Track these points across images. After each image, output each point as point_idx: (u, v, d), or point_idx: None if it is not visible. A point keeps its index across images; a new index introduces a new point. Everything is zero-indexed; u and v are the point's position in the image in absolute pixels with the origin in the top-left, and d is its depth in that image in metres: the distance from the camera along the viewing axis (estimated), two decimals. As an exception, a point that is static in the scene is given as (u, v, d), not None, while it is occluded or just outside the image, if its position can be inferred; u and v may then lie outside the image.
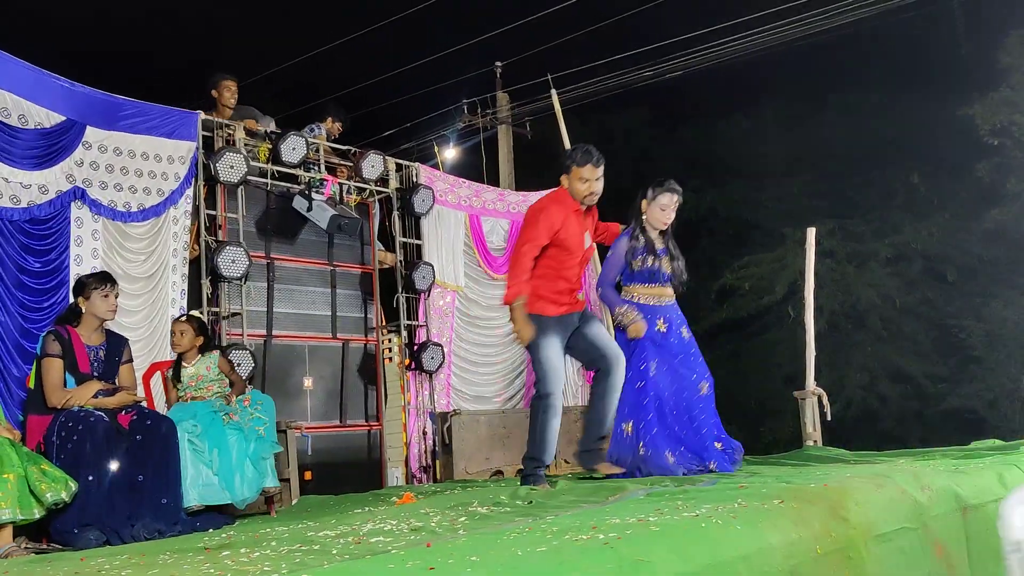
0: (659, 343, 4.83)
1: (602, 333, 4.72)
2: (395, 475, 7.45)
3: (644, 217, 4.87)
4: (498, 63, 13.63)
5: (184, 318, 5.33)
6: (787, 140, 17.49)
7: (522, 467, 4.70)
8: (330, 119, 7.64)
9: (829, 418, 6.78)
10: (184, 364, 5.17)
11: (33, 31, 16.00)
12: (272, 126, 7.21)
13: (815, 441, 6.52)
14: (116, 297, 4.72)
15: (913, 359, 15.92)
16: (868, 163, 16.57)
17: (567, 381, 8.87)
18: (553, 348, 4.49)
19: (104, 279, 4.68)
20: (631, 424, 4.81)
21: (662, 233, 4.91)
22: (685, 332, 4.94)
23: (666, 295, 4.89)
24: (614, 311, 4.86)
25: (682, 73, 11.95)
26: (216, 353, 5.30)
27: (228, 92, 7.04)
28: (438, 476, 7.24)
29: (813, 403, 6.70)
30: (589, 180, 4.56)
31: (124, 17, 18.71)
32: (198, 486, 4.62)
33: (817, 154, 16.89)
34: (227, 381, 5.20)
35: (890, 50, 16.64)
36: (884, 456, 5.52)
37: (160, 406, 5.33)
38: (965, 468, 4.39)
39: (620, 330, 4.92)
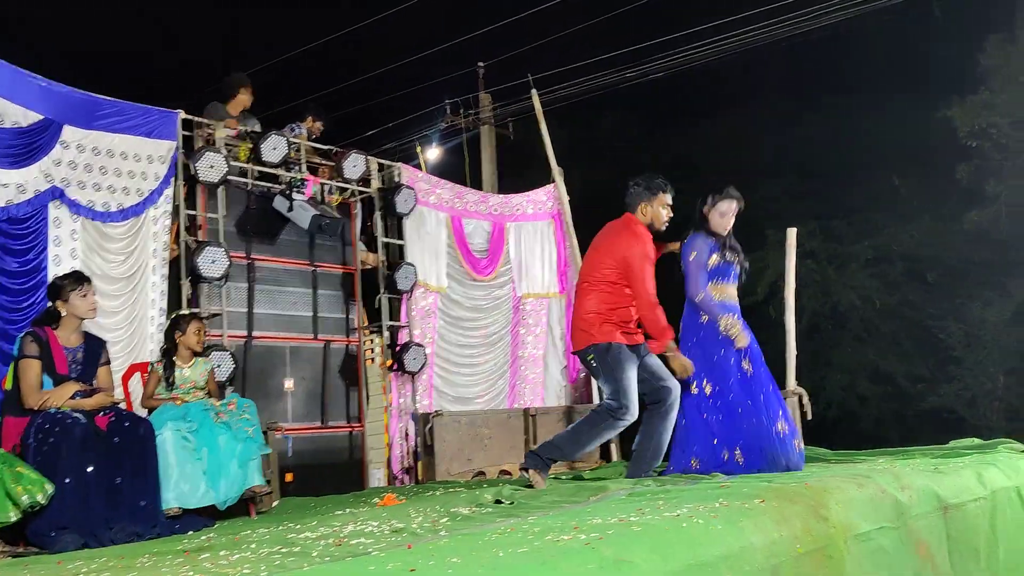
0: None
1: (661, 365, 4.79)
2: (377, 476, 7.42)
3: (706, 224, 4.88)
4: (480, 63, 13.61)
5: (200, 318, 5.35)
6: (769, 141, 17.58)
7: (538, 452, 4.66)
8: (310, 118, 7.61)
9: (810, 418, 6.81)
10: (179, 365, 5.10)
11: (8, 29, 15.86)
12: (257, 127, 7.17)
13: (796, 441, 6.52)
14: (94, 295, 4.67)
15: (893, 359, 16.04)
16: (850, 165, 16.68)
17: (552, 382, 8.94)
18: (631, 372, 4.61)
19: (79, 279, 4.63)
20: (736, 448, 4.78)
21: (730, 235, 4.93)
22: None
23: (732, 295, 4.89)
24: (717, 318, 4.78)
25: (665, 74, 11.99)
26: (210, 360, 5.31)
27: (248, 95, 7.08)
28: (420, 477, 7.22)
29: (794, 403, 6.73)
30: (670, 205, 4.81)
31: (100, 15, 18.59)
32: (181, 488, 4.57)
33: (799, 155, 16.98)
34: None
35: (872, 52, 16.76)
36: (864, 455, 5.55)
37: (138, 408, 5.28)
38: (945, 468, 4.41)
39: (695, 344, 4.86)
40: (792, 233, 7.43)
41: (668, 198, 4.81)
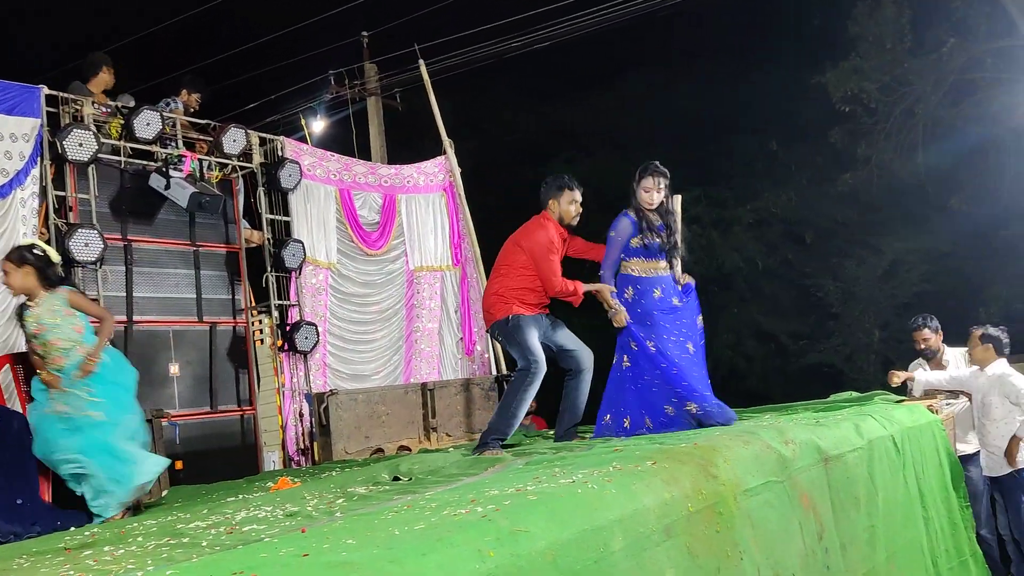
0: (662, 309, 5.06)
1: (570, 336, 5.19)
2: (272, 459, 7.27)
3: (635, 200, 5.13)
4: (364, 32, 13.32)
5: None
6: (650, 110, 17.84)
7: (484, 441, 4.99)
8: (185, 91, 7.30)
9: (700, 379, 6.97)
10: (28, 305, 4.49)
11: None
12: (131, 102, 6.83)
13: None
14: None
15: (775, 318, 16.67)
16: (728, 131, 17.13)
17: (447, 355, 8.92)
18: (533, 333, 5.02)
19: None
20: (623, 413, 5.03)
21: (659, 211, 5.14)
22: (676, 300, 5.16)
23: (661, 267, 5.15)
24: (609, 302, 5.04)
25: (550, 44, 11.99)
26: (63, 291, 4.49)
27: (110, 75, 6.78)
28: (317, 458, 7.10)
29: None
30: (577, 201, 5.20)
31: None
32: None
33: (679, 123, 17.31)
34: (81, 326, 4.49)
35: (745, 20, 17.19)
36: (751, 412, 5.74)
37: (13, 403, 5.00)
38: (825, 421, 4.61)
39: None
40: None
41: (575, 195, 5.20)
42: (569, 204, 5.18)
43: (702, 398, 4.88)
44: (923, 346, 6.57)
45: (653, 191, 5.10)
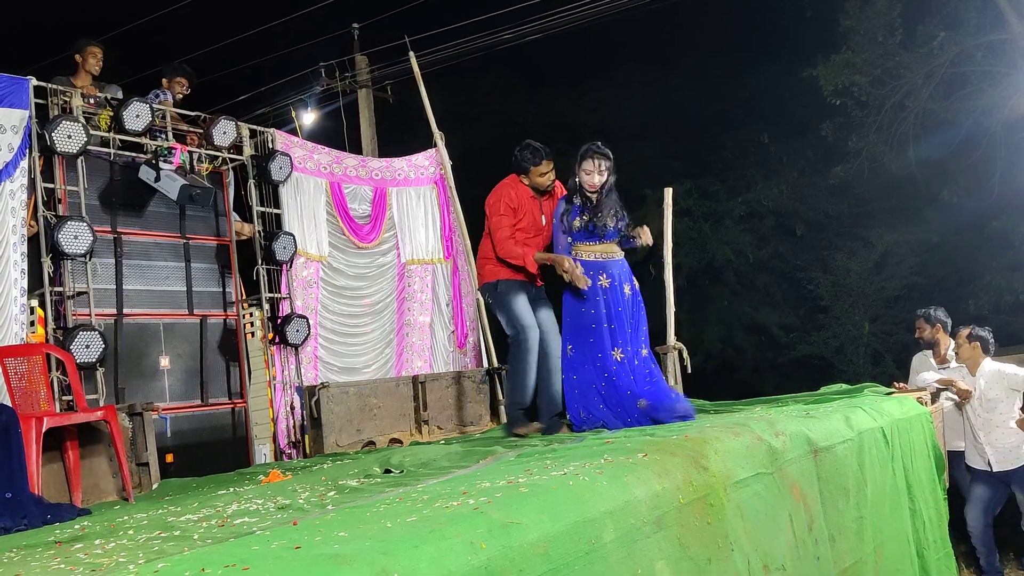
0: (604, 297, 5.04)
1: (549, 317, 5.22)
2: (263, 452, 7.26)
3: (576, 181, 5.08)
4: (355, 24, 13.27)
5: None
6: (642, 103, 17.86)
7: (508, 415, 5.25)
8: (166, 80, 7.25)
9: (690, 371, 7.02)
10: None
11: None
12: (119, 94, 6.79)
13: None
14: None
15: (766, 311, 16.72)
16: (720, 124, 17.16)
17: (439, 348, 8.91)
18: (519, 299, 5.08)
19: None
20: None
21: (604, 193, 5.06)
22: (627, 289, 5.12)
23: (610, 251, 5.09)
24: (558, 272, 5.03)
25: (541, 36, 11.97)
26: None
27: (94, 59, 6.66)
28: (308, 451, 7.09)
29: (674, 357, 6.93)
30: (548, 173, 5.18)
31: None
32: None
33: (671, 116, 17.34)
34: None
35: (738, 14, 17.20)
36: (741, 405, 5.77)
37: (2, 396, 4.98)
38: (815, 412, 4.64)
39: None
40: (668, 193, 7.58)
41: (544, 167, 5.16)
42: (538, 177, 5.18)
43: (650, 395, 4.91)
44: (916, 335, 6.77)
45: (594, 173, 5.03)
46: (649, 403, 4.86)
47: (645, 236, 5.11)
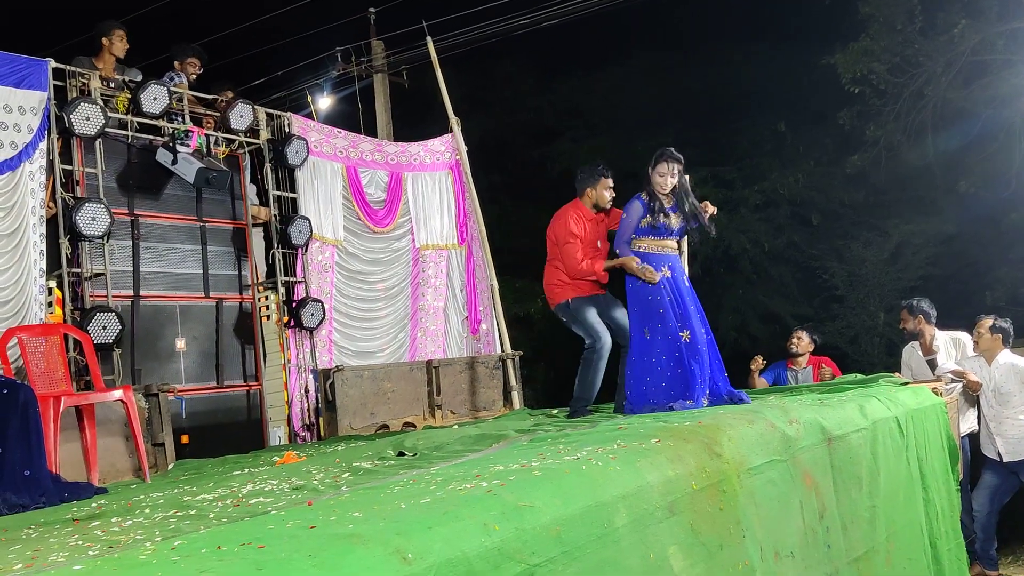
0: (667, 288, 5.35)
1: (622, 314, 5.60)
2: (277, 435, 7.31)
3: (648, 184, 5.41)
4: (372, 9, 13.25)
5: None
6: (657, 90, 17.74)
7: (573, 409, 5.56)
8: (177, 63, 7.25)
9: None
10: None
11: None
12: (138, 77, 6.81)
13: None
14: None
15: (781, 300, 16.64)
16: (737, 112, 17.02)
17: (452, 334, 8.94)
18: (591, 312, 5.56)
19: None
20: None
21: (673, 194, 5.43)
22: (685, 280, 5.48)
23: (669, 247, 5.46)
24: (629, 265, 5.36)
25: (558, 22, 11.92)
26: None
27: (120, 41, 6.69)
28: (322, 433, 7.14)
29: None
30: (610, 186, 5.72)
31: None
32: None
33: (686, 104, 17.22)
34: None
35: (754, 0, 17.05)
36: (755, 393, 5.77)
37: (22, 376, 5.03)
38: (829, 401, 4.63)
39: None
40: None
41: (609, 181, 5.71)
42: (604, 190, 5.70)
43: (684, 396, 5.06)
44: (901, 326, 6.92)
45: (667, 176, 5.39)
46: (721, 384, 5.20)
47: (710, 209, 5.54)
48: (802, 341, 7.45)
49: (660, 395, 5.13)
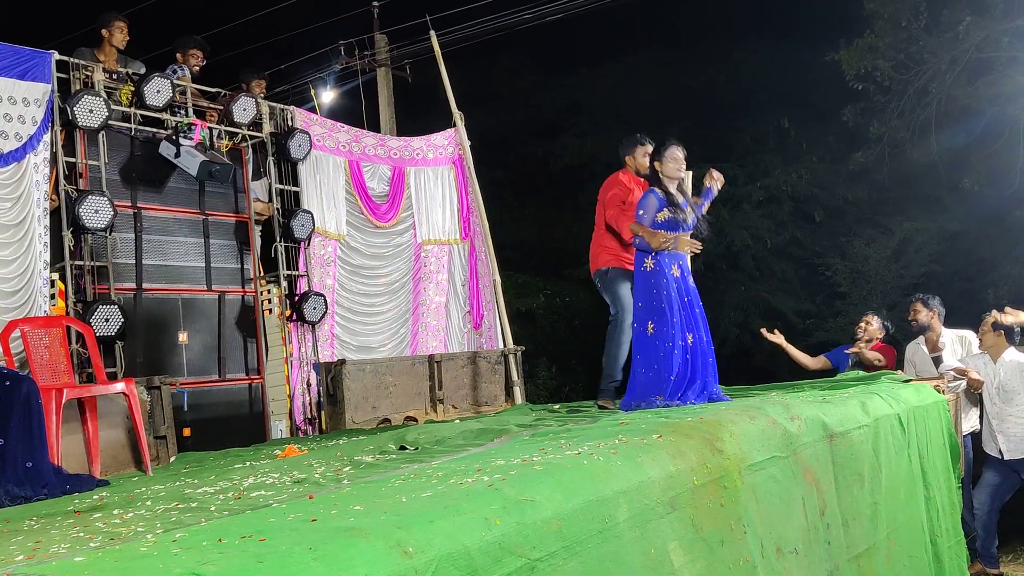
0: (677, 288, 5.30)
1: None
2: (279, 428, 7.31)
3: (662, 175, 5.38)
4: (375, 3, 13.22)
5: None
6: (660, 86, 17.71)
7: (601, 387, 5.70)
8: (179, 55, 7.24)
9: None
10: None
11: None
12: (141, 69, 6.80)
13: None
14: None
15: (783, 297, 16.62)
16: (740, 108, 16.99)
17: (454, 329, 8.94)
18: (624, 285, 5.66)
19: None
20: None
21: (679, 189, 5.44)
22: (691, 280, 5.43)
23: (684, 242, 5.37)
24: (651, 247, 5.25)
25: (562, 17, 11.89)
26: None
27: (120, 33, 6.67)
28: (324, 427, 7.15)
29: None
30: (648, 153, 5.71)
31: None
32: None
33: (689, 100, 17.18)
34: None
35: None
36: (758, 390, 5.77)
37: (24, 368, 5.04)
38: (831, 398, 4.62)
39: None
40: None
41: (648, 148, 5.81)
42: (643, 157, 5.81)
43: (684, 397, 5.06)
44: (911, 317, 6.76)
45: (681, 160, 5.42)
46: (710, 383, 5.18)
47: (717, 179, 5.58)
48: (871, 326, 6.99)
49: (658, 393, 5.07)
